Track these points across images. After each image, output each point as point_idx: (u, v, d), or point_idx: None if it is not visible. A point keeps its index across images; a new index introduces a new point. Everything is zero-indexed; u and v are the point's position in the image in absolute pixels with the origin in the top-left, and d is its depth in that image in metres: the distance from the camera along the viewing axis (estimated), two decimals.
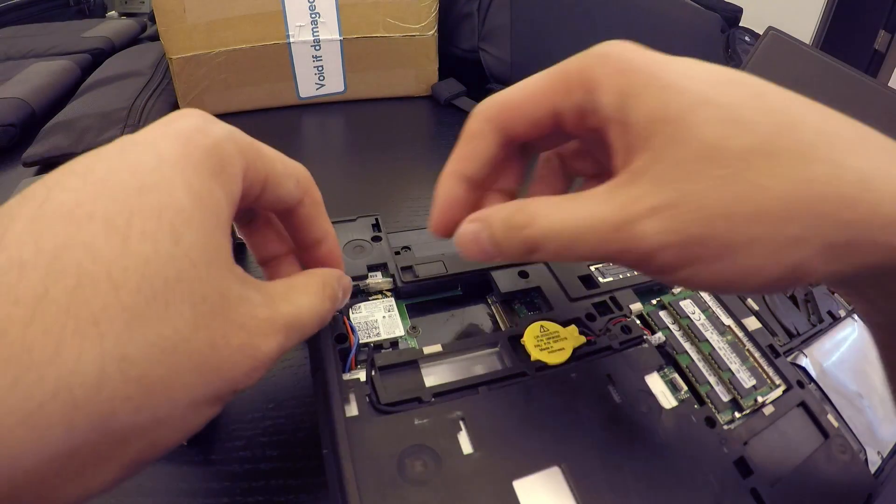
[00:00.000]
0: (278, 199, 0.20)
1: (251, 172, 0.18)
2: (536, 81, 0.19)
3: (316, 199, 0.21)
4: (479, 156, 0.20)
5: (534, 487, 0.20)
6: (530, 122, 0.19)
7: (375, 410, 0.21)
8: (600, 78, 0.17)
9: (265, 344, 0.16)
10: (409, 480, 0.19)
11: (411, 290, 0.27)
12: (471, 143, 0.20)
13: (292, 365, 0.30)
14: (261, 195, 0.19)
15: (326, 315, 0.20)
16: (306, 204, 0.21)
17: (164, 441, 0.15)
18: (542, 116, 0.19)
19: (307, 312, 0.18)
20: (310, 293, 0.19)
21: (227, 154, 0.16)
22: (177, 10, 0.49)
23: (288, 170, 0.20)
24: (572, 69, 0.18)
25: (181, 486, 0.25)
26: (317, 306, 0.19)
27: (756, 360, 0.27)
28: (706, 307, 0.29)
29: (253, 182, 0.18)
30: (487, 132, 0.20)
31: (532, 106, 0.19)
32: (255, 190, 0.18)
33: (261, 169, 0.18)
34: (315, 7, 0.52)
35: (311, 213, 0.21)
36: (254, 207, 0.20)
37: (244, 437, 0.26)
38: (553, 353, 0.24)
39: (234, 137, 0.17)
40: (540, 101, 0.19)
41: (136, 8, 0.95)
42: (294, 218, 0.21)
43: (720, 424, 0.23)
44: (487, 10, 0.61)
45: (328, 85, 0.58)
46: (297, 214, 0.21)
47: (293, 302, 0.18)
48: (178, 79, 0.52)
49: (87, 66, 0.64)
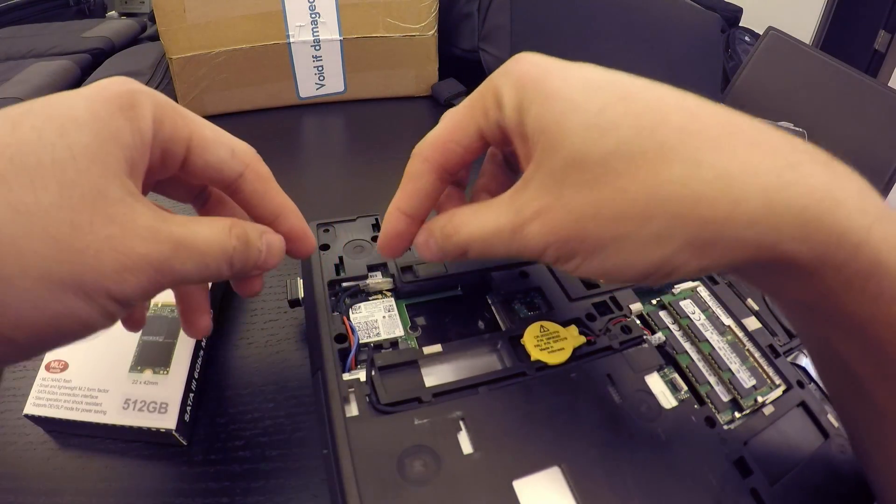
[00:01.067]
0: (209, 165, 0.20)
1: (169, 125, 0.18)
2: (459, 110, 0.21)
3: (261, 174, 0.22)
4: (419, 194, 0.22)
5: (534, 487, 0.20)
6: (463, 151, 0.21)
7: (375, 410, 0.21)
8: (504, 93, 0.19)
9: (141, 246, 0.16)
10: (409, 480, 0.19)
11: (411, 290, 0.27)
12: (410, 183, 0.22)
13: (292, 365, 0.30)
14: (188, 157, 0.20)
15: (234, 253, 0.19)
16: (249, 178, 0.21)
17: (13, 310, 0.14)
18: (470, 142, 0.21)
19: (204, 239, 0.18)
20: (214, 225, 0.19)
21: (137, 98, 0.17)
22: (177, 10, 0.49)
23: (220, 138, 0.20)
24: (487, 89, 0.20)
25: (181, 486, 0.25)
26: (218, 237, 0.19)
27: (756, 360, 0.27)
28: (706, 307, 0.29)
29: (175, 137, 0.19)
30: (425, 172, 0.21)
31: (460, 135, 0.21)
32: (178, 147, 0.19)
33: (181, 126, 0.19)
34: (315, 7, 0.52)
35: (258, 187, 0.21)
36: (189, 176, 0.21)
37: (244, 437, 0.27)
38: (553, 353, 0.24)
39: (150, 91, 0.18)
40: (466, 128, 0.20)
41: (136, 8, 0.95)
42: (241, 193, 0.21)
43: (720, 424, 0.23)
44: (487, 10, 0.61)
45: (328, 85, 0.58)
46: (242, 189, 0.21)
47: (189, 227, 0.18)
48: (178, 79, 0.52)
49: (87, 66, 0.64)
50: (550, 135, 0.17)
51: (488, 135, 0.20)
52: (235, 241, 0.19)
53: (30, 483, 0.24)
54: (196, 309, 0.24)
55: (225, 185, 0.21)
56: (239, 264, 0.19)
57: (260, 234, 0.21)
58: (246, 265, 0.20)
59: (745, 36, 0.76)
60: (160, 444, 0.26)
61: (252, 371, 0.30)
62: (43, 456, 0.25)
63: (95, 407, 0.25)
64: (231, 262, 0.19)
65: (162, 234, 0.17)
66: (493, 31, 0.61)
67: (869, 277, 0.16)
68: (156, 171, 0.19)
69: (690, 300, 0.29)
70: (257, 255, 0.20)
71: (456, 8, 0.63)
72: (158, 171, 0.20)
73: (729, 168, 0.15)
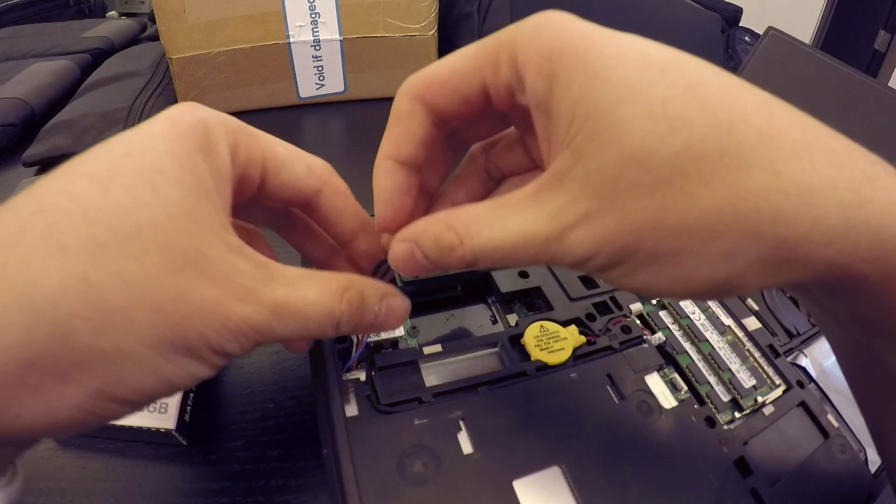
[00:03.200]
0: (286, 184, 0.19)
1: (243, 151, 0.18)
2: (464, 55, 0.17)
3: (339, 189, 0.21)
4: (411, 137, 0.18)
5: (534, 487, 0.20)
6: (460, 99, 0.18)
7: (375, 410, 0.21)
8: (528, 57, 0.16)
9: (241, 308, 0.16)
10: (409, 480, 0.19)
11: (411, 290, 0.27)
12: (400, 123, 0.18)
13: (292, 365, 0.30)
14: (265, 179, 0.19)
15: (341, 318, 0.18)
16: (327, 194, 0.20)
17: (132, 378, 0.15)
18: (471, 93, 0.17)
19: (310, 303, 0.17)
20: (323, 288, 0.18)
21: (211, 129, 0.17)
22: (177, 10, 0.49)
23: (295, 155, 0.20)
24: (503, 43, 0.16)
25: (181, 486, 0.25)
26: (326, 302, 0.17)
27: (756, 360, 0.27)
28: (706, 307, 0.29)
29: (249, 161, 0.18)
30: (416, 111, 0.18)
31: (460, 80, 0.17)
32: (254, 170, 0.19)
33: (255, 148, 0.18)
34: (315, 7, 0.52)
35: (336, 203, 0.21)
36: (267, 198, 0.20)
37: (244, 437, 0.26)
38: (553, 353, 0.24)
39: (220, 117, 0.18)
40: (468, 76, 0.17)
41: (136, 8, 0.95)
42: (319, 211, 0.21)
43: (720, 424, 0.23)
44: (487, 10, 0.61)
45: (328, 85, 0.58)
46: (320, 206, 0.20)
47: (297, 288, 0.17)
48: (178, 79, 0.52)
49: (87, 66, 0.64)
50: (600, 123, 0.14)
51: (493, 94, 0.17)
52: (346, 305, 0.18)
53: (30, 483, 0.24)
54: None
55: (303, 203, 0.20)
56: (347, 327, 0.18)
57: (380, 297, 0.19)
58: (357, 327, 0.19)
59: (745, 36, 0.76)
60: (160, 444, 0.26)
61: (252, 371, 0.30)
62: (43, 456, 0.25)
63: None
64: (338, 325, 0.18)
65: (263, 296, 0.16)
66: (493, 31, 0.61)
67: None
68: (235, 196, 0.18)
69: (690, 300, 0.29)
70: (372, 319, 0.19)
71: (456, 8, 0.63)
72: (237, 196, 0.19)
73: (810, 181, 0.13)
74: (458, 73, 0.17)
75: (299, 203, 0.21)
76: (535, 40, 0.15)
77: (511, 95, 0.17)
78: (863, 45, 0.71)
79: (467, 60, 0.17)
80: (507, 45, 0.16)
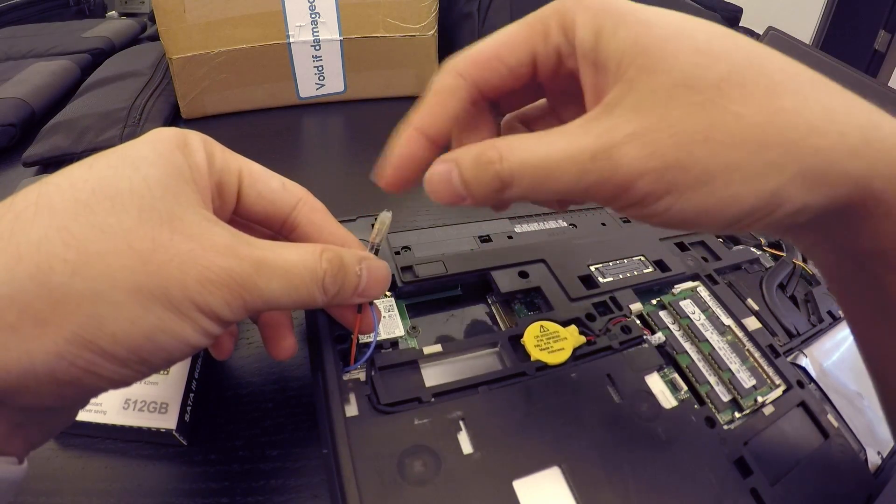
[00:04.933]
0: (262, 196, 0.21)
1: (219, 159, 0.20)
2: (514, 28, 0.19)
3: (315, 206, 0.22)
4: (447, 114, 0.19)
5: (534, 487, 0.20)
6: (508, 72, 0.19)
7: (375, 410, 0.21)
8: (576, 18, 0.17)
9: (221, 259, 0.16)
10: (409, 480, 0.19)
11: (411, 290, 0.27)
12: (439, 99, 0.19)
13: (292, 365, 0.30)
14: (242, 190, 0.20)
15: (325, 277, 0.18)
16: (303, 211, 0.21)
17: (109, 324, 0.15)
18: (520, 64, 0.19)
19: (290, 259, 0.18)
20: (301, 249, 0.18)
21: (188, 138, 0.19)
22: (177, 10, 0.49)
23: (269, 172, 0.21)
24: (549, 13, 0.18)
25: (181, 486, 0.25)
26: (306, 260, 0.18)
27: (756, 360, 0.27)
28: (706, 307, 0.29)
29: (226, 168, 0.20)
30: (459, 88, 0.19)
31: (510, 53, 0.18)
32: (230, 177, 0.20)
33: (231, 159, 0.20)
34: (315, 7, 0.52)
35: (314, 219, 0.22)
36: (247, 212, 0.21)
37: (244, 437, 0.26)
38: (553, 353, 0.24)
39: (197, 133, 0.20)
40: (519, 47, 0.18)
41: (136, 8, 0.95)
42: (298, 228, 0.22)
43: (720, 424, 0.23)
44: (487, 10, 0.61)
45: (328, 85, 0.58)
46: (299, 223, 0.22)
47: (273, 248, 0.18)
48: (178, 79, 0.52)
49: (87, 66, 0.64)
50: (652, 57, 0.16)
51: (541, 62, 0.18)
52: (326, 264, 0.19)
53: (30, 483, 0.24)
54: (279, 330, 0.23)
55: (282, 218, 0.21)
56: (334, 289, 0.19)
57: (358, 259, 0.20)
58: (344, 292, 0.19)
59: None
60: (160, 444, 0.26)
61: (252, 371, 0.30)
62: (43, 456, 0.25)
63: (95, 407, 0.25)
64: (324, 286, 0.19)
65: (242, 251, 0.17)
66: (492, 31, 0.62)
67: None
68: (216, 209, 0.20)
69: (690, 300, 0.29)
70: (356, 281, 0.20)
71: (456, 8, 0.63)
72: (220, 210, 0.20)
73: (831, 105, 0.16)
74: (505, 45, 0.19)
75: (278, 220, 0.22)
76: (581, 4, 0.18)
77: (558, 61, 0.18)
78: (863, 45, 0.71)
79: (517, 33, 0.19)
80: (556, 12, 0.18)
